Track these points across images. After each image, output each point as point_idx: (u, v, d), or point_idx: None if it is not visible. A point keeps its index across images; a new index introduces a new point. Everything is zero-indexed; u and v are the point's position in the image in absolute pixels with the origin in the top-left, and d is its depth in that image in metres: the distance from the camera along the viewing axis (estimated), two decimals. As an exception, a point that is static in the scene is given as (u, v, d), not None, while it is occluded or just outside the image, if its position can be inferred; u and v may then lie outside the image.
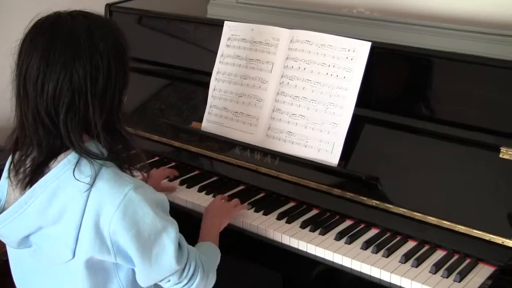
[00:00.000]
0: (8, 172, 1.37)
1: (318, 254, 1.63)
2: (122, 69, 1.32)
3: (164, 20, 2.33)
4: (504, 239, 1.53)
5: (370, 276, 1.55)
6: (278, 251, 1.69)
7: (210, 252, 1.52)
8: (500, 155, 1.59)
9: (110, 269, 1.34)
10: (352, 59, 1.79)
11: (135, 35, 2.32)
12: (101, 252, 1.28)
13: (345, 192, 1.76)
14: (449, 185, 1.64)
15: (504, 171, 1.58)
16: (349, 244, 1.64)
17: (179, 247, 1.35)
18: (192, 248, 1.42)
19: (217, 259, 1.53)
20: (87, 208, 1.26)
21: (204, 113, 2.05)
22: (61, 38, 1.25)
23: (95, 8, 1.38)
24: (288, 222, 1.74)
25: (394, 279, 1.51)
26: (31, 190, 1.29)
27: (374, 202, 1.71)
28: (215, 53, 2.05)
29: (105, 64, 1.27)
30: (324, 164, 1.80)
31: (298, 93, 1.88)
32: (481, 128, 1.63)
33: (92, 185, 1.26)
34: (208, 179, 1.98)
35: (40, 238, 1.33)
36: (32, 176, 1.30)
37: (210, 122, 2.04)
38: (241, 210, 1.78)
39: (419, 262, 1.55)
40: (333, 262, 1.61)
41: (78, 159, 1.27)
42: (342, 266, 1.59)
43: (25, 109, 1.28)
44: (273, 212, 1.78)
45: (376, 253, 1.59)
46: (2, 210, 1.36)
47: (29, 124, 1.28)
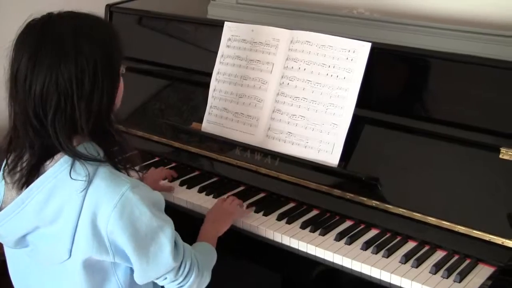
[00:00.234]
0: (3, 173, 1.37)
1: (318, 255, 1.63)
2: (110, 71, 1.30)
3: (164, 21, 2.33)
4: (504, 240, 1.53)
5: (370, 277, 1.55)
6: (278, 252, 1.69)
7: (206, 252, 1.52)
8: (500, 156, 1.59)
9: (108, 268, 1.35)
10: (352, 60, 1.79)
11: (136, 36, 2.33)
12: (99, 252, 1.29)
13: (345, 193, 1.76)
14: (449, 185, 1.64)
15: (504, 172, 1.58)
16: (349, 244, 1.64)
17: (175, 245, 1.36)
18: (188, 246, 1.43)
19: (213, 259, 1.53)
20: (83, 208, 1.26)
21: (204, 113, 2.05)
22: (48, 39, 1.25)
23: (95, 9, 1.38)
24: (288, 222, 1.74)
25: (394, 279, 1.52)
26: (28, 189, 1.29)
27: (374, 203, 1.71)
28: (215, 53, 2.05)
29: (91, 66, 1.25)
30: (324, 165, 1.80)
31: (298, 93, 1.88)
32: (480, 129, 1.63)
33: (88, 185, 1.26)
34: (208, 180, 1.98)
35: (37, 238, 1.33)
36: (28, 176, 1.30)
37: (210, 123, 2.04)
38: (243, 215, 1.77)
39: (419, 262, 1.55)
40: (333, 263, 1.61)
41: (73, 160, 1.27)
42: (342, 266, 1.59)
43: (16, 109, 1.28)
44: (273, 213, 1.78)
45: (376, 253, 1.60)
46: (0, 210, 1.36)
47: (20, 125, 1.28)
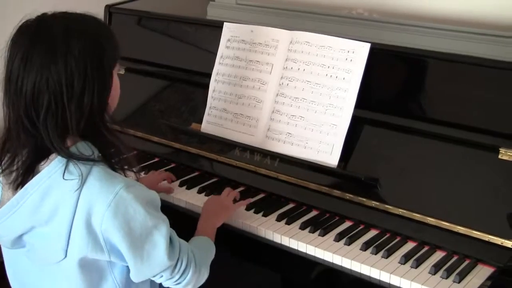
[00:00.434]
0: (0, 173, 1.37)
1: (317, 255, 1.63)
2: (101, 71, 1.30)
3: (164, 22, 2.33)
4: (503, 240, 1.53)
5: (370, 277, 1.55)
6: (277, 252, 1.69)
7: (203, 246, 1.52)
8: (499, 156, 1.59)
9: (104, 268, 1.35)
10: (351, 61, 1.79)
11: (135, 37, 2.33)
12: (95, 251, 1.29)
13: (345, 193, 1.76)
14: (449, 186, 1.64)
15: (504, 172, 1.58)
16: (349, 245, 1.64)
17: (171, 243, 1.36)
18: (184, 243, 1.43)
19: (211, 254, 1.53)
20: (78, 207, 1.27)
21: (203, 114, 2.05)
22: (39, 40, 1.25)
23: (95, 10, 1.38)
24: (288, 223, 1.74)
25: (394, 280, 1.51)
26: (23, 189, 1.29)
27: (374, 203, 1.71)
28: (215, 54, 2.05)
29: (81, 67, 1.25)
30: (323, 165, 1.80)
31: (297, 94, 1.88)
32: (480, 129, 1.63)
33: (82, 185, 1.26)
34: (208, 180, 1.98)
35: (33, 238, 1.33)
36: (23, 176, 1.30)
37: (210, 124, 2.04)
38: (239, 207, 1.78)
39: (418, 263, 1.55)
40: (332, 263, 1.61)
41: (67, 160, 1.28)
42: (341, 267, 1.59)
43: (10, 110, 1.28)
44: (273, 213, 1.78)
45: (376, 254, 1.59)
46: None
47: (13, 125, 1.29)
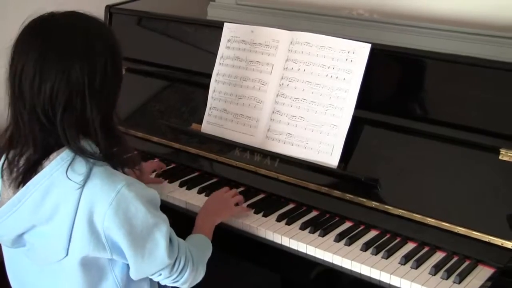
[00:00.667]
0: (1, 171, 1.37)
1: (317, 256, 1.63)
2: (117, 68, 1.33)
3: (164, 22, 2.33)
4: (503, 241, 1.53)
5: (370, 278, 1.55)
6: (277, 253, 1.69)
7: (201, 245, 1.53)
8: (500, 157, 1.59)
9: (105, 266, 1.35)
10: (351, 61, 1.79)
11: (135, 37, 2.33)
12: (97, 249, 1.29)
13: (345, 194, 1.76)
14: (449, 186, 1.64)
15: (504, 173, 1.58)
16: (349, 245, 1.64)
17: (170, 241, 1.36)
18: (182, 242, 1.43)
19: (208, 252, 1.54)
20: (80, 206, 1.27)
21: (204, 114, 2.05)
22: (57, 37, 1.26)
23: (95, 10, 1.39)
24: (288, 223, 1.74)
25: (394, 280, 1.51)
26: (24, 188, 1.29)
27: (374, 204, 1.71)
28: (215, 54, 2.05)
29: (102, 63, 1.28)
30: (323, 166, 1.80)
31: (297, 94, 1.88)
32: (480, 130, 1.63)
33: (85, 183, 1.27)
34: (208, 181, 1.98)
35: (34, 237, 1.33)
36: (25, 174, 1.31)
37: (210, 124, 2.04)
38: (240, 212, 1.77)
39: (418, 263, 1.55)
40: (332, 264, 1.61)
41: (73, 158, 1.28)
42: (341, 267, 1.59)
43: (21, 108, 1.28)
44: (273, 214, 1.78)
45: (376, 254, 1.59)
46: None
47: (24, 123, 1.28)
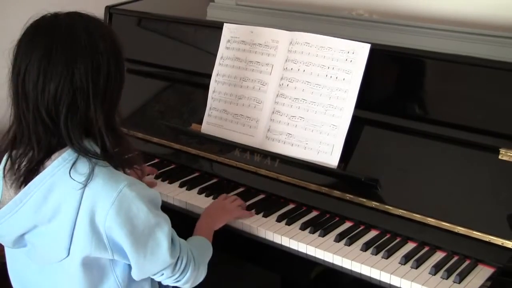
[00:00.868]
0: (4, 171, 1.37)
1: (318, 256, 1.63)
2: (119, 69, 1.34)
3: (164, 23, 2.33)
4: (503, 240, 1.53)
5: (370, 278, 1.55)
6: (277, 253, 1.69)
7: (201, 246, 1.53)
8: (500, 157, 1.59)
9: (106, 266, 1.35)
10: (351, 61, 1.79)
11: (135, 38, 2.33)
12: (98, 249, 1.29)
13: (345, 194, 1.76)
14: (449, 186, 1.64)
15: (504, 173, 1.58)
16: (349, 245, 1.64)
17: (172, 241, 1.37)
18: (184, 242, 1.44)
19: (209, 253, 1.54)
20: (81, 206, 1.27)
21: (203, 115, 2.06)
22: (61, 37, 1.26)
23: (95, 11, 1.39)
24: (288, 224, 1.74)
25: (394, 280, 1.51)
26: (26, 188, 1.30)
27: (374, 204, 1.71)
28: (215, 55, 2.06)
29: (105, 64, 1.28)
30: (323, 166, 1.80)
31: (297, 95, 1.88)
32: (480, 130, 1.63)
33: (86, 183, 1.27)
34: (208, 181, 1.98)
35: (35, 237, 1.33)
36: (27, 174, 1.31)
37: (210, 124, 2.04)
38: (241, 216, 1.76)
39: (419, 263, 1.55)
40: (333, 264, 1.61)
41: (76, 158, 1.28)
42: (342, 267, 1.59)
43: (24, 109, 1.28)
44: (273, 214, 1.78)
45: (376, 254, 1.60)
46: None
47: (28, 123, 1.28)
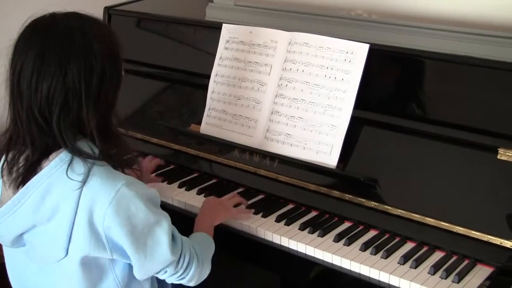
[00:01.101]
0: (1, 172, 1.37)
1: (317, 256, 1.63)
2: (115, 70, 1.33)
3: (163, 23, 2.33)
4: (502, 240, 1.53)
5: (369, 278, 1.55)
6: (277, 253, 1.69)
7: (203, 242, 1.53)
8: (498, 156, 1.59)
9: (105, 265, 1.35)
10: (350, 61, 1.79)
11: (134, 38, 2.33)
12: (97, 249, 1.29)
13: (344, 194, 1.76)
14: (448, 186, 1.65)
15: (502, 172, 1.58)
16: (348, 245, 1.64)
17: (173, 238, 1.37)
18: (185, 238, 1.44)
19: (211, 249, 1.54)
20: (80, 206, 1.27)
21: (203, 115, 2.06)
22: (56, 38, 1.26)
23: (94, 11, 1.39)
24: (287, 224, 1.74)
25: (393, 280, 1.52)
26: (24, 188, 1.30)
27: (373, 204, 1.71)
28: (214, 55, 2.06)
29: (99, 65, 1.28)
30: (322, 166, 1.80)
31: (296, 95, 1.88)
32: (479, 130, 1.63)
33: (84, 183, 1.27)
34: (207, 182, 1.98)
35: (34, 237, 1.34)
36: (25, 175, 1.31)
37: (209, 125, 2.04)
38: (239, 214, 1.76)
39: (418, 263, 1.55)
40: (332, 264, 1.61)
41: (72, 158, 1.28)
42: (341, 267, 1.59)
43: (19, 108, 1.28)
44: (272, 214, 1.79)
45: (375, 254, 1.60)
46: None
47: (22, 123, 1.29)
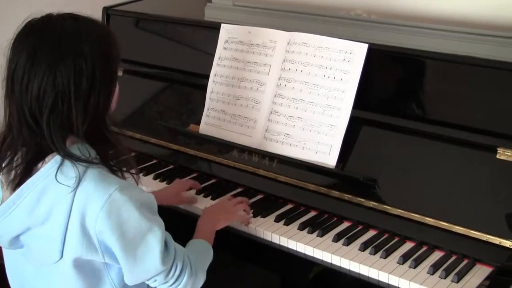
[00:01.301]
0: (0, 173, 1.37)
1: (316, 256, 1.63)
2: (108, 73, 1.31)
3: (162, 23, 2.33)
4: (501, 240, 1.53)
5: (368, 278, 1.55)
6: (276, 253, 1.69)
7: (200, 250, 1.52)
8: (497, 156, 1.59)
9: (100, 269, 1.35)
10: (349, 61, 1.79)
11: (133, 38, 2.33)
12: (89, 252, 1.29)
13: (343, 194, 1.76)
14: (447, 186, 1.64)
15: (501, 172, 1.58)
16: (347, 245, 1.64)
17: (166, 247, 1.35)
18: (179, 247, 1.42)
19: (208, 258, 1.52)
20: (73, 209, 1.27)
21: (202, 115, 2.06)
22: (48, 39, 1.26)
23: (93, 12, 1.38)
24: (286, 224, 1.74)
25: (392, 280, 1.52)
26: (18, 190, 1.30)
27: (372, 204, 1.71)
28: (213, 55, 2.06)
29: (89, 67, 1.26)
30: (322, 166, 1.80)
31: (295, 95, 1.88)
32: (478, 129, 1.63)
33: (77, 186, 1.26)
34: (206, 182, 1.98)
35: (30, 239, 1.33)
36: (21, 176, 1.31)
37: (208, 125, 2.04)
38: (242, 219, 1.75)
39: (417, 263, 1.55)
40: (331, 264, 1.61)
41: (62, 161, 1.28)
42: (340, 267, 1.59)
43: (12, 108, 1.29)
44: (271, 214, 1.78)
45: (374, 254, 1.60)
46: None
47: (14, 123, 1.29)
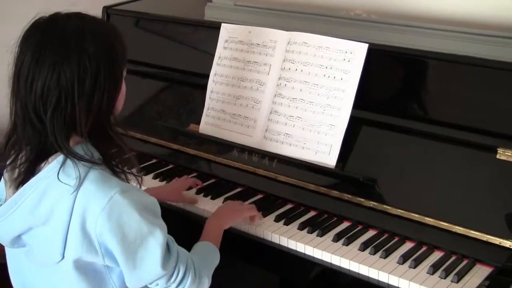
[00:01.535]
0: (4, 172, 1.37)
1: (316, 256, 1.63)
2: (113, 72, 1.31)
3: (162, 23, 2.33)
4: (501, 240, 1.53)
5: (368, 277, 1.55)
6: (276, 253, 1.69)
7: (206, 253, 1.50)
8: (497, 156, 1.59)
9: (102, 272, 1.34)
10: (349, 61, 1.79)
11: (133, 38, 2.32)
12: (89, 253, 1.28)
13: (343, 194, 1.76)
14: (447, 186, 1.64)
15: (501, 172, 1.58)
16: (347, 245, 1.64)
17: (168, 250, 1.34)
18: (183, 250, 1.40)
19: (214, 261, 1.51)
20: (74, 210, 1.26)
21: (201, 115, 2.05)
22: (53, 38, 1.26)
23: (93, 11, 1.39)
24: (286, 224, 1.74)
25: (392, 280, 1.51)
26: (21, 190, 1.30)
27: (372, 204, 1.71)
28: (213, 55, 2.05)
29: (94, 66, 1.26)
30: (321, 166, 1.80)
31: (295, 95, 1.88)
32: (478, 130, 1.63)
33: (79, 187, 1.26)
34: (206, 182, 1.98)
35: (31, 238, 1.33)
36: (24, 175, 1.30)
37: (208, 125, 2.04)
38: (250, 216, 1.74)
39: (417, 263, 1.55)
40: (331, 264, 1.61)
41: (64, 161, 1.27)
42: (340, 267, 1.59)
43: (17, 106, 1.29)
44: (271, 214, 1.78)
45: (374, 254, 1.60)
46: None
47: (19, 121, 1.29)
